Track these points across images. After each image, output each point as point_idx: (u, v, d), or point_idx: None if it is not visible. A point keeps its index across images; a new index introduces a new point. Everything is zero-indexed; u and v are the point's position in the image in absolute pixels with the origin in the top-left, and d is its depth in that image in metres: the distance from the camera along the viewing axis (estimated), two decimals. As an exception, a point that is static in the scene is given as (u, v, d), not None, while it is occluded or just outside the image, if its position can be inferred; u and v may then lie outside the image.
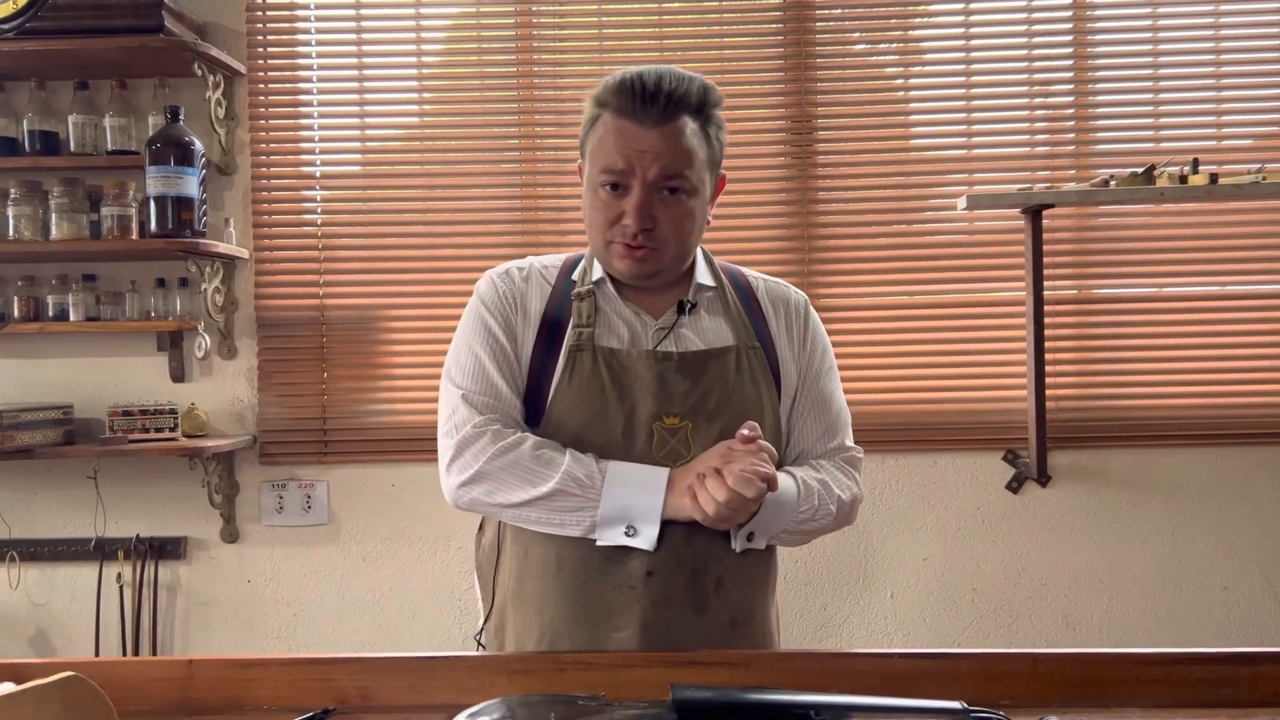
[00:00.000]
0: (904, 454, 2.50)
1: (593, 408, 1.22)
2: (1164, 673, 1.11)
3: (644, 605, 1.20)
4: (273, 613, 2.57)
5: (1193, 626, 2.47)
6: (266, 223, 2.57)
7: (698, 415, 1.22)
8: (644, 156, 1.18)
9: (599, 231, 1.24)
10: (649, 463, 1.21)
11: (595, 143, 1.22)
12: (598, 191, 1.22)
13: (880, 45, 2.57)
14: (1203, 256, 2.50)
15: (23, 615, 2.58)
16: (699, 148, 1.21)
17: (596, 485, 1.17)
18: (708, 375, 1.24)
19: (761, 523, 1.21)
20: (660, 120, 1.18)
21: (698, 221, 1.25)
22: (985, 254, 2.52)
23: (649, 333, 1.27)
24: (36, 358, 2.56)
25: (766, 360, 1.28)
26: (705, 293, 1.30)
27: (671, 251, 1.23)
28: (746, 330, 1.28)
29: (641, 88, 1.18)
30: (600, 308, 1.27)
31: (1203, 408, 2.48)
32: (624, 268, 1.24)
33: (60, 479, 2.54)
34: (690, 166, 1.20)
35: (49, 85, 2.48)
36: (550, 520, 1.20)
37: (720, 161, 1.28)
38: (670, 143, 1.19)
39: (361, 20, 2.57)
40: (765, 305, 1.32)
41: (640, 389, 1.22)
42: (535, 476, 1.18)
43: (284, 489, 2.55)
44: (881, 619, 2.53)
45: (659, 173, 1.19)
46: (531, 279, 1.30)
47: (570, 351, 1.24)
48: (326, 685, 1.15)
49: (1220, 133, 2.51)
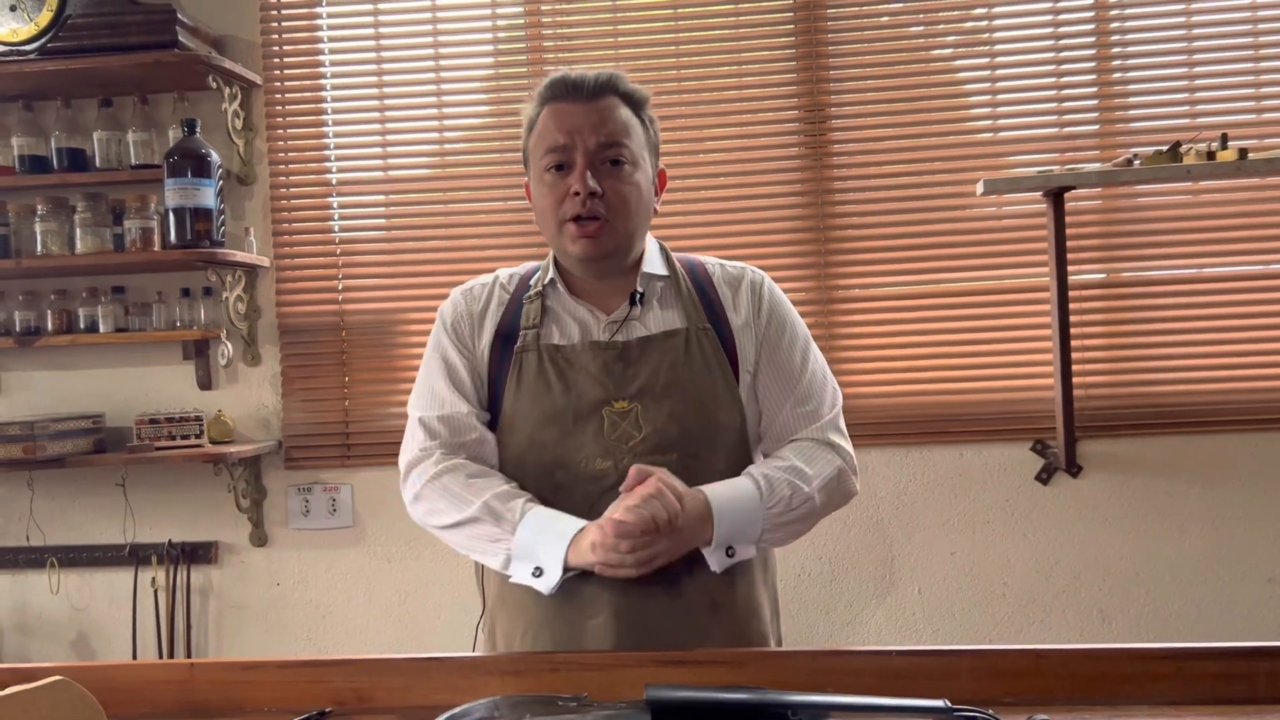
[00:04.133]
0: (929, 446, 2.45)
1: (542, 404, 1.26)
2: (1175, 668, 1.06)
3: (613, 592, 1.21)
4: (302, 615, 2.61)
5: (1236, 620, 2.38)
6: (286, 230, 2.60)
7: (645, 397, 1.24)
8: (582, 128, 1.24)
9: (550, 216, 1.28)
10: (601, 447, 1.24)
11: (534, 137, 1.30)
12: (543, 179, 1.28)
13: (895, 30, 2.52)
14: (1237, 235, 2.40)
15: (64, 620, 2.65)
16: (634, 124, 1.28)
17: (511, 520, 1.20)
18: (653, 358, 1.26)
19: (727, 534, 1.20)
20: (592, 96, 1.26)
21: (644, 196, 1.29)
22: (1008, 239, 2.46)
23: (600, 327, 1.29)
24: (70, 369, 2.63)
25: (720, 341, 1.29)
26: (657, 282, 1.32)
27: (621, 224, 1.26)
28: (698, 313, 1.30)
29: (570, 77, 1.28)
30: (550, 308, 1.31)
31: (1241, 391, 2.39)
32: (579, 249, 1.26)
33: (92, 486, 2.60)
34: (628, 136, 1.26)
35: (75, 103, 2.55)
36: (473, 547, 1.26)
37: (658, 150, 1.32)
38: (605, 114, 1.26)
39: (379, 28, 2.59)
40: (720, 288, 1.33)
41: (585, 379, 1.25)
42: (461, 503, 1.24)
43: (309, 492, 2.59)
44: (910, 615, 2.48)
45: (598, 141, 1.25)
46: (493, 291, 1.36)
47: (517, 354, 1.29)
48: (323, 687, 1.16)
49: (1260, 105, 2.41)
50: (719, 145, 2.52)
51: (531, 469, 1.27)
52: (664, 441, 1.23)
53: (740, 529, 1.20)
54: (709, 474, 1.25)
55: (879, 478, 2.47)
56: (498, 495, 1.22)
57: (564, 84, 1.27)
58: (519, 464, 1.28)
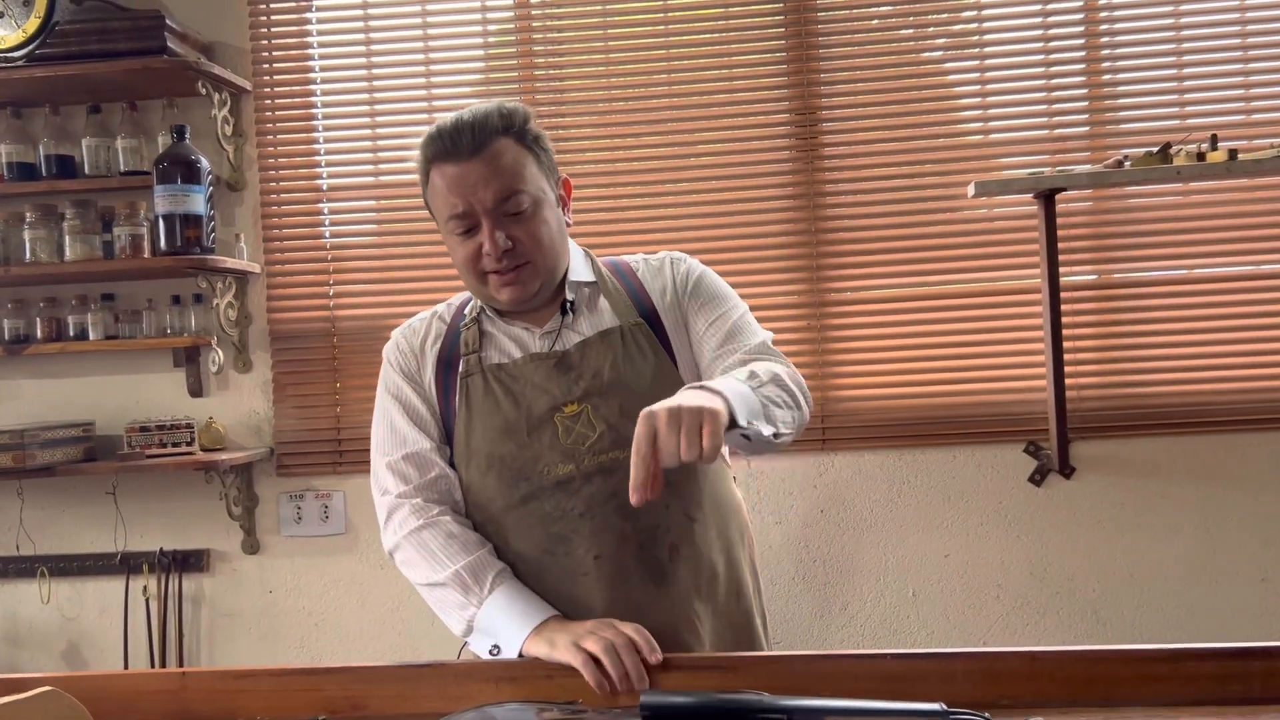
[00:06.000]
0: (922, 449, 2.45)
1: (494, 423, 1.27)
2: (1171, 669, 1.06)
3: (600, 588, 1.22)
4: (295, 623, 2.59)
5: (1230, 620, 2.38)
6: (277, 237, 2.59)
7: (593, 397, 1.25)
8: (475, 189, 1.23)
9: (470, 272, 1.28)
10: (559, 452, 1.24)
11: (432, 197, 1.29)
12: (453, 239, 1.28)
13: (885, 33, 2.53)
14: (1228, 236, 2.41)
15: (55, 630, 2.63)
16: (524, 161, 1.26)
17: (479, 595, 1.22)
18: (593, 359, 1.27)
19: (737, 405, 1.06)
20: (475, 150, 1.23)
21: (555, 228, 1.29)
22: (1000, 241, 2.46)
23: (536, 340, 1.31)
24: (60, 377, 2.61)
25: (654, 332, 1.30)
26: (584, 288, 1.34)
27: (542, 262, 1.28)
28: (629, 309, 1.31)
29: (448, 129, 1.24)
30: (487, 332, 1.33)
31: (1232, 392, 2.40)
32: (507, 296, 1.28)
33: (83, 495, 2.59)
34: (522, 181, 1.25)
35: (63, 110, 2.53)
36: (440, 608, 1.27)
37: (555, 168, 1.32)
38: (493, 165, 1.23)
39: (369, 34, 2.59)
40: (646, 280, 1.35)
41: (532, 390, 1.27)
42: (435, 564, 1.25)
43: (302, 500, 2.57)
44: (904, 618, 2.48)
45: (494, 197, 1.23)
46: (430, 324, 1.37)
47: (462, 379, 1.30)
48: (317, 695, 1.16)
49: (1249, 106, 2.42)
50: (709, 149, 2.52)
51: (496, 487, 1.27)
52: (620, 438, 1.23)
53: (747, 403, 1.08)
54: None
55: (872, 480, 2.47)
56: (470, 566, 1.23)
57: (441, 141, 1.24)
58: (482, 485, 1.28)
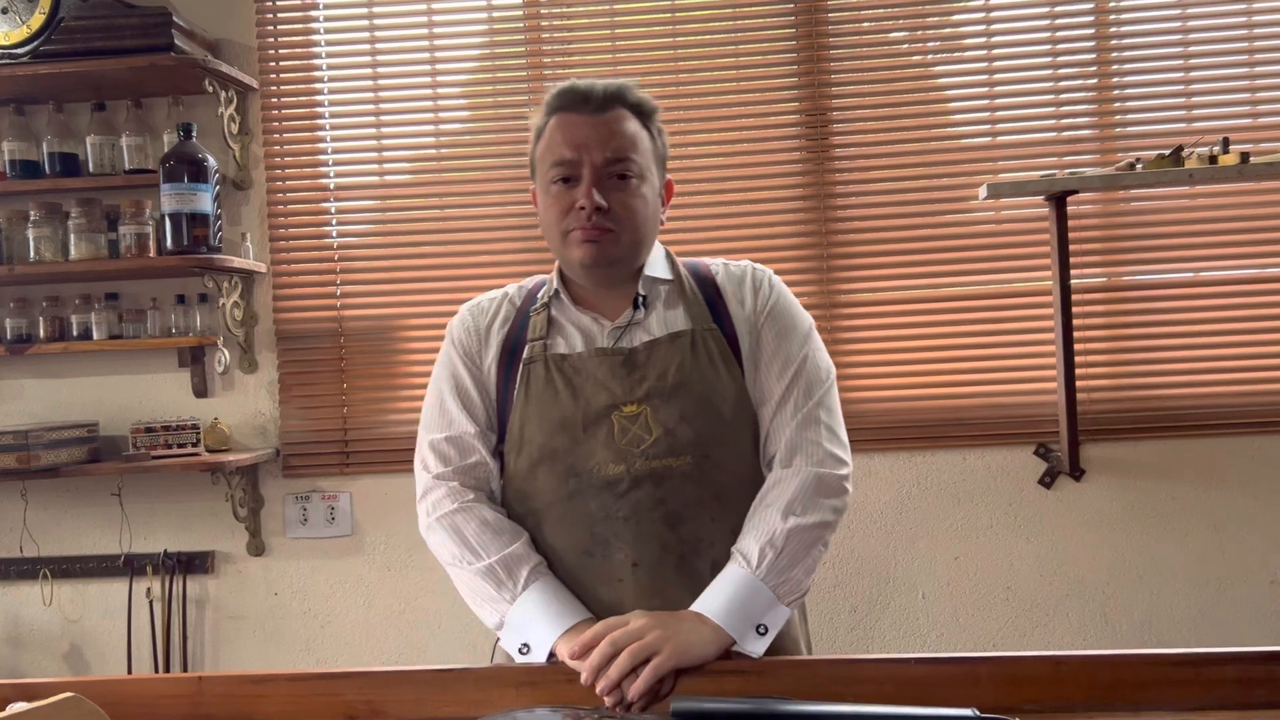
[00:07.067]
0: (932, 451, 2.45)
1: (551, 413, 1.26)
2: (1195, 673, 1.06)
3: (634, 596, 1.20)
4: (300, 625, 2.58)
5: (1239, 623, 2.38)
6: (283, 236, 2.58)
7: (654, 399, 1.24)
8: (589, 143, 1.24)
9: (555, 226, 1.28)
10: (612, 451, 1.22)
11: (542, 147, 1.29)
12: (549, 190, 1.27)
13: (895, 35, 2.52)
14: (1239, 239, 2.41)
15: (57, 632, 2.62)
16: (642, 137, 1.28)
17: (512, 591, 1.20)
18: (659, 361, 1.25)
19: (740, 618, 1.13)
20: (601, 109, 1.26)
21: (650, 208, 1.29)
22: (1010, 243, 2.46)
23: (605, 334, 1.29)
24: (63, 377, 2.60)
25: (725, 339, 1.28)
26: (660, 286, 1.32)
27: (627, 236, 1.26)
28: (703, 314, 1.29)
29: (582, 85, 1.27)
30: (555, 319, 1.32)
31: (1244, 395, 2.40)
32: (582, 255, 1.26)
33: (87, 496, 2.57)
34: (635, 150, 1.26)
35: (67, 108, 2.52)
36: (471, 598, 1.25)
37: (665, 162, 1.33)
38: (613, 128, 1.25)
39: (375, 32, 2.58)
40: (724, 288, 1.33)
41: (593, 386, 1.25)
42: (469, 552, 1.23)
43: (307, 501, 2.56)
44: (914, 620, 2.47)
45: (605, 157, 1.24)
46: (500, 305, 1.36)
47: (525, 365, 1.29)
48: (335, 700, 1.15)
49: (1256, 109, 2.42)
50: (720, 150, 2.52)
51: (545, 478, 1.25)
52: (676, 444, 1.22)
53: (748, 607, 1.14)
54: (722, 473, 1.24)
55: (882, 482, 2.46)
56: (504, 560, 1.21)
57: (572, 94, 1.26)
58: (532, 474, 1.26)
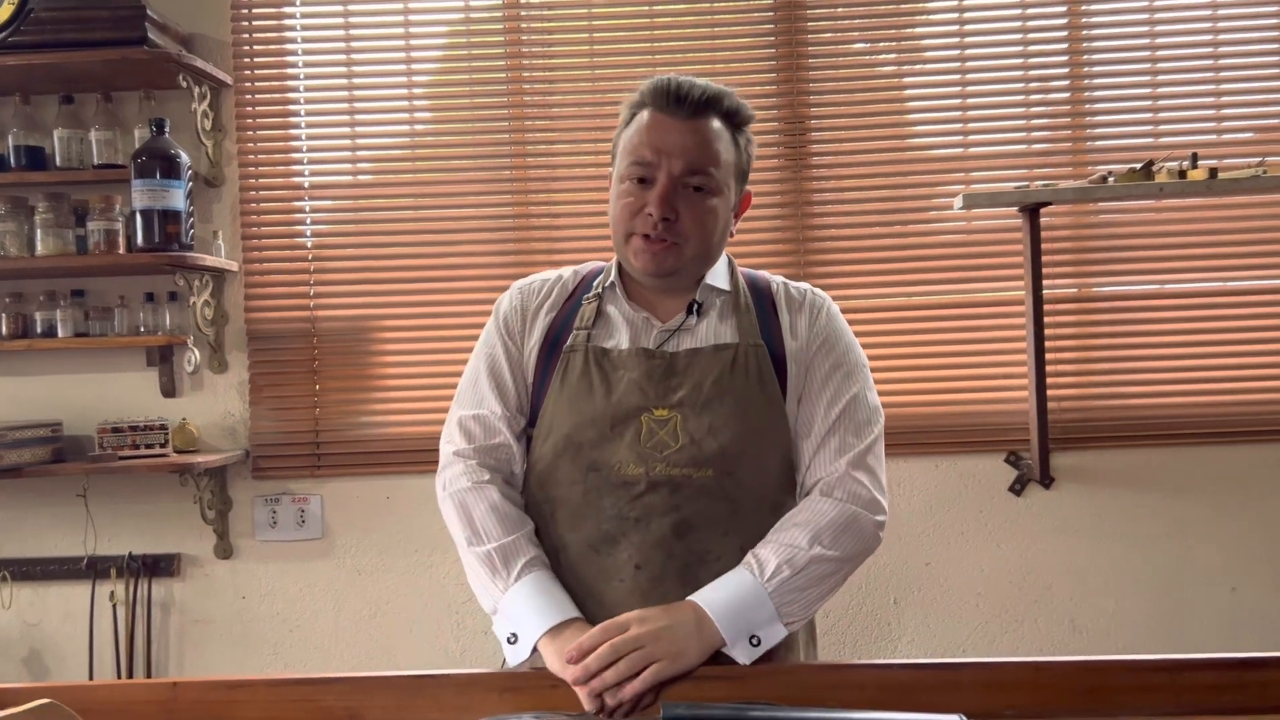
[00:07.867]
0: (904, 458, 2.47)
1: (582, 406, 1.24)
2: (1169, 679, 1.08)
3: (634, 598, 1.18)
4: (268, 629, 2.54)
5: (1201, 629, 2.43)
6: (256, 235, 2.54)
7: (686, 407, 1.22)
8: (672, 149, 1.21)
9: (621, 224, 1.25)
10: (635, 452, 1.21)
11: (626, 140, 1.26)
12: (623, 184, 1.25)
13: (873, 44, 2.55)
14: (1204, 252, 2.47)
15: (16, 636, 2.55)
16: (726, 150, 1.25)
17: (505, 581, 1.19)
18: (699, 371, 1.24)
19: (736, 625, 1.12)
20: (691, 115, 1.22)
21: (720, 221, 1.26)
22: (983, 253, 2.49)
23: (653, 334, 1.28)
24: (25, 375, 2.54)
25: (771, 357, 1.26)
26: (716, 295, 1.30)
27: (692, 248, 1.24)
28: (753, 329, 1.27)
29: (677, 86, 1.23)
30: (605, 311, 1.30)
31: (1207, 405, 2.45)
32: (641, 264, 1.24)
33: (50, 497, 2.51)
34: (716, 165, 1.23)
35: (34, 100, 2.46)
36: (472, 579, 1.25)
37: (747, 175, 1.30)
38: (698, 138, 1.22)
39: (350, 29, 2.55)
40: (780, 305, 1.31)
41: (628, 385, 1.24)
42: (473, 534, 1.23)
43: (277, 503, 2.52)
44: (885, 626, 2.49)
45: (684, 167, 1.21)
46: (552, 290, 1.33)
47: (565, 352, 1.28)
48: (313, 706, 1.13)
49: (1220, 126, 2.48)
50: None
51: (566, 469, 1.24)
52: (700, 455, 1.20)
53: (747, 615, 1.13)
54: (742, 490, 1.22)
55: (855, 488, 2.48)
56: (502, 548, 1.21)
57: (667, 93, 1.22)
58: (552, 464, 1.25)
